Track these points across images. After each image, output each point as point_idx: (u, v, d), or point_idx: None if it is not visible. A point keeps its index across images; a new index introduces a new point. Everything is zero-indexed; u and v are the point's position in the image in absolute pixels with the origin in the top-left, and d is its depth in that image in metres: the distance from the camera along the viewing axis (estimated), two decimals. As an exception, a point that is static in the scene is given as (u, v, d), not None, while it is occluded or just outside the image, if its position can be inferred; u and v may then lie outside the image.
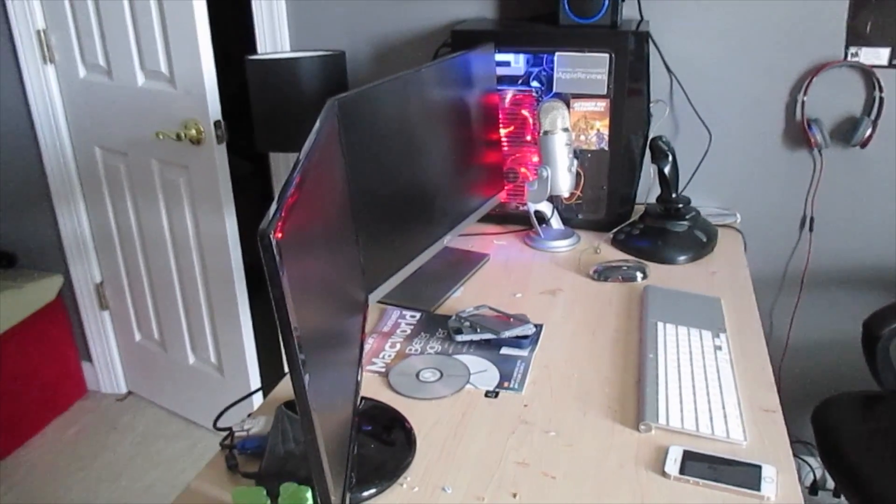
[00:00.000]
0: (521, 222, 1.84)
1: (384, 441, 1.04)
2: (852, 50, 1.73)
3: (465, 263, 1.63)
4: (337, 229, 0.98)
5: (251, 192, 2.98)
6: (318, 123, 0.98)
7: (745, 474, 0.98)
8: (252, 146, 2.06)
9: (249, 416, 1.12)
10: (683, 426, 1.07)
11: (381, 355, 1.29)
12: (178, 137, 2.02)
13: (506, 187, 1.82)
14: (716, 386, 1.16)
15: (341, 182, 1.09)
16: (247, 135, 2.39)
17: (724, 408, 1.11)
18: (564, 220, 1.80)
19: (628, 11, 1.79)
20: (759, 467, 0.99)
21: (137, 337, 2.62)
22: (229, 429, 1.07)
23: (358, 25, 2.03)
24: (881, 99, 1.74)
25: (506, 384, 1.19)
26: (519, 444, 1.05)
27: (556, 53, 1.66)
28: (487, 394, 1.17)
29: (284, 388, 1.21)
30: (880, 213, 1.84)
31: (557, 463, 1.01)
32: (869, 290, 1.92)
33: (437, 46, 1.96)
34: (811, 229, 1.90)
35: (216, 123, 2.02)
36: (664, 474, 0.98)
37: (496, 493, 0.96)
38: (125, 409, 2.70)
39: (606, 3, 1.65)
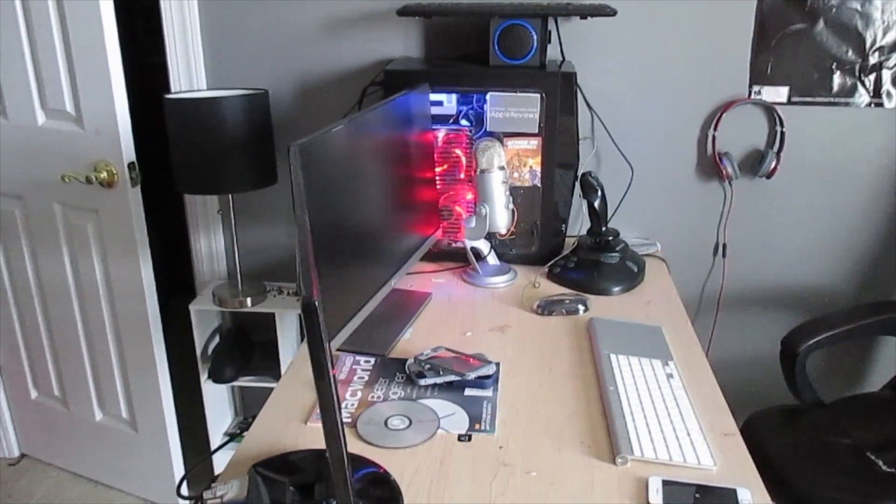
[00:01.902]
0: (456, 259, 1.85)
1: (371, 499, 1.01)
2: (755, 88, 1.87)
3: (409, 304, 1.61)
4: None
5: (165, 235, 2.82)
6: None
7: (724, 498, 1.02)
8: (168, 188, 1.97)
9: (215, 480, 1.06)
10: (657, 456, 1.10)
11: (343, 404, 1.25)
12: (88, 180, 1.90)
13: (441, 225, 1.83)
14: (676, 414, 1.21)
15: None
16: (160, 176, 2.28)
17: (689, 435, 1.16)
18: (499, 256, 1.82)
19: (551, 52, 1.86)
20: (735, 491, 1.04)
21: (34, 394, 2.41)
22: (198, 497, 1.01)
23: (279, 63, 1.99)
24: (783, 133, 1.89)
25: (477, 426, 1.19)
26: (503, 487, 1.05)
27: (489, 93, 1.70)
28: (461, 437, 1.16)
29: (248, 446, 1.15)
30: (787, 238, 1.99)
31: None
32: (780, 310, 2.06)
33: (362, 85, 1.95)
34: (724, 255, 2.02)
35: (130, 165, 1.91)
36: (649, 506, 1.01)
37: (492, 540, 0.95)
38: (19, 473, 2.48)
39: (535, 45, 1.70)
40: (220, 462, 2.24)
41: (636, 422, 1.18)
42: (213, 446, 2.21)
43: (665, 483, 1.04)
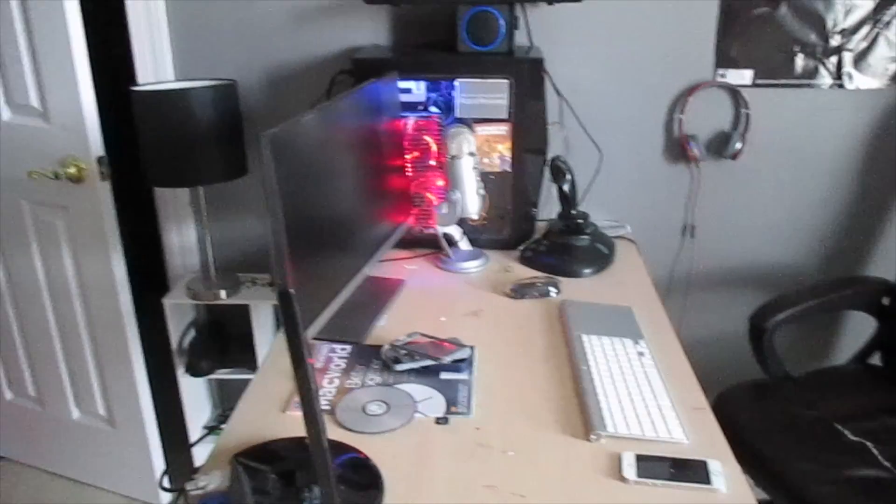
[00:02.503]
0: (429, 245, 1.86)
1: (352, 483, 1.02)
2: (720, 71, 1.90)
3: (383, 291, 1.63)
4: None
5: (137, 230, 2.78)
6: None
7: (695, 471, 1.05)
8: (138, 182, 1.95)
9: (197, 472, 1.06)
10: (630, 432, 1.13)
11: (321, 392, 1.26)
12: (56, 176, 1.88)
13: (413, 212, 1.84)
14: (648, 390, 1.24)
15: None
16: (131, 170, 2.26)
17: (661, 410, 1.18)
18: (471, 241, 1.84)
19: (519, 38, 1.87)
20: (706, 462, 1.07)
21: (8, 395, 2.39)
22: (180, 490, 1.01)
23: (247, 53, 1.98)
24: (748, 115, 1.92)
25: (454, 409, 1.20)
26: (482, 467, 1.07)
27: (458, 80, 1.71)
28: (438, 421, 1.18)
29: (228, 437, 1.15)
30: (753, 217, 2.03)
31: (523, 482, 1.04)
32: (748, 288, 2.11)
33: (331, 74, 1.95)
34: (693, 236, 2.06)
35: (99, 159, 1.89)
36: (623, 479, 1.03)
37: (471, 519, 0.97)
38: (-4, 475, 2.45)
39: (503, 31, 1.71)
40: (200, 455, 2.24)
41: (609, 399, 1.20)
42: (193, 440, 2.21)
43: (638, 457, 1.07)
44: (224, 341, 2.18)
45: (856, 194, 2.00)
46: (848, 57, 1.87)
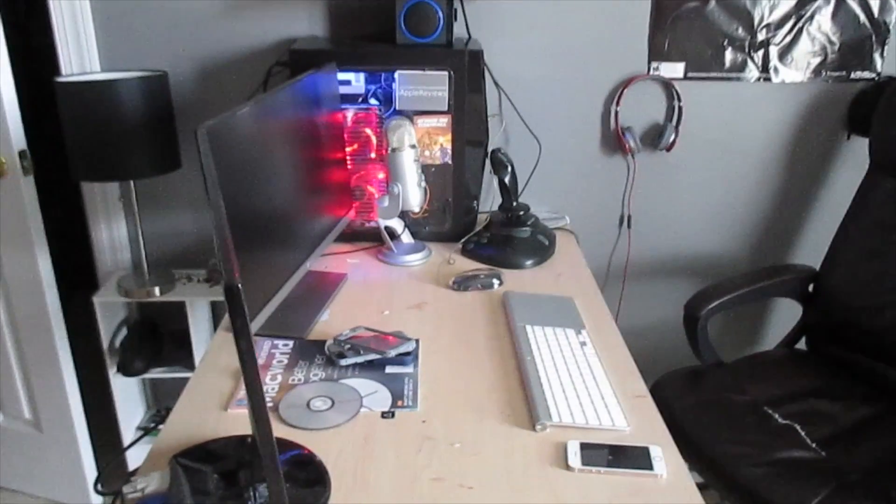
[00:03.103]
0: (370, 239, 1.85)
1: (297, 480, 1.00)
2: (654, 65, 1.94)
3: (324, 285, 1.60)
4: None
5: (64, 227, 2.67)
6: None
7: (638, 457, 1.07)
8: (63, 176, 1.87)
9: (134, 474, 1.03)
10: (574, 421, 1.14)
11: (264, 389, 1.23)
12: (-25, 171, 1.78)
13: (354, 205, 1.82)
14: (591, 379, 1.26)
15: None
16: (57, 164, 2.17)
17: (603, 398, 1.20)
18: (413, 234, 1.83)
19: (457, 31, 1.87)
20: (647, 448, 1.09)
21: (-76, 401, 2.26)
22: (117, 492, 0.98)
23: (178, 43, 1.92)
24: (680, 108, 1.97)
25: (400, 403, 1.20)
26: (428, 460, 1.07)
27: (398, 72, 1.69)
28: (384, 415, 1.17)
29: (167, 438, 1.12)
30: (687, 208, 2.08)
31: (469, 473, 1.04)
32: (682, 277, 2.17)
33: (267, 66, 1.91)
34: (629, 226, 2.10)
35: (21, 153, 1.81)
36: (569, 468, 1.05)
37: (420, 512, 0.97)
38: (-89, 486, 2.32)
39: (441, 23, 1.71)
40: (134, 458, 2.17)
41: (553, 389, 1.22)
42: (126, 441, 2.14)
43: (583, 446, 1.09)
44: (158, 340, 2.11)
45: (782, 184, 2.08)
46: (774, 51, 1.94)
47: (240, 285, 0.54)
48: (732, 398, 1.76)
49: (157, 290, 1.95)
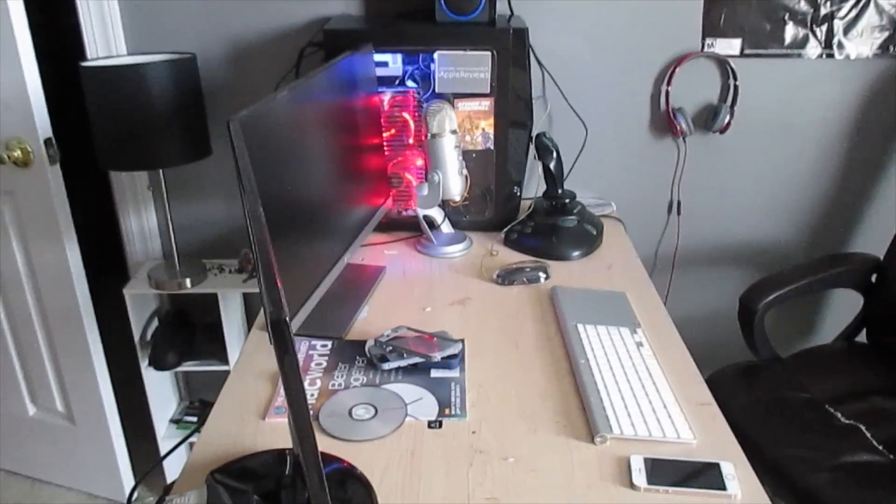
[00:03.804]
0: (408, 228, 1.77)
1: (340, 500, 0.93)
2: (708, 41, 1.82)
3: (362, 280, 1.53)
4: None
5: (93, 216, 2.62)
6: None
7: (708, 474, 0.99)
8: (92, 163, 1.81)
9: (169, 490, 0.97)
10: (637, 433, 1.06)
11: (302, 395, 1.17)
12: (0, 160, 1.73)
13: (391, 193, 1.74)
14: (651, 385, 1.17)
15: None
16: (84, 152, 2.11)
17: (665, 407, 1.12)
18: (453, 223, 1.75)
19: (499, 7, 1.76)
20: (718, 465, 1.00)
21: (-43, 392, 2.24)
22: (151, 510, 0.92)
23: (206, 25, 1.84)
24: (735, 87, 1.85)
25: (447, 411, 1.12)
26: (481, 477, 0.99)
27: (437, 52, 1.60)
28: (430, 424, 1.10)
29: (203, 449, 1.06)
30: (740, 193, 1.97)
31: (526, 492, 0.96)
32: (734, 266, 2.06)
33: (299, 46, 1.82)
34: (679, 213, 2.00)
35: (47, 141, 1.75)
36: (633, 486, 0.97)
37: (474, 537, 0.90)
38: (-53, 476, 2.32)
39: (484, 0, 1.60)
40: (167, 446, 2.13)
41: (611, 397, 1.13)
42: (158, 434, 2.10)
43: (647, 461, 1.01)
44: (190, 332, 2.06)
45: (844, 168, 1.95)
46: (838, 25, 1.80)
47: (288, 319, 0.46)
48: (791, 396, 1.66)
49: (188, 282, 1.89)
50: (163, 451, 2.12)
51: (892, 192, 1.97)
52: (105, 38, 1.83)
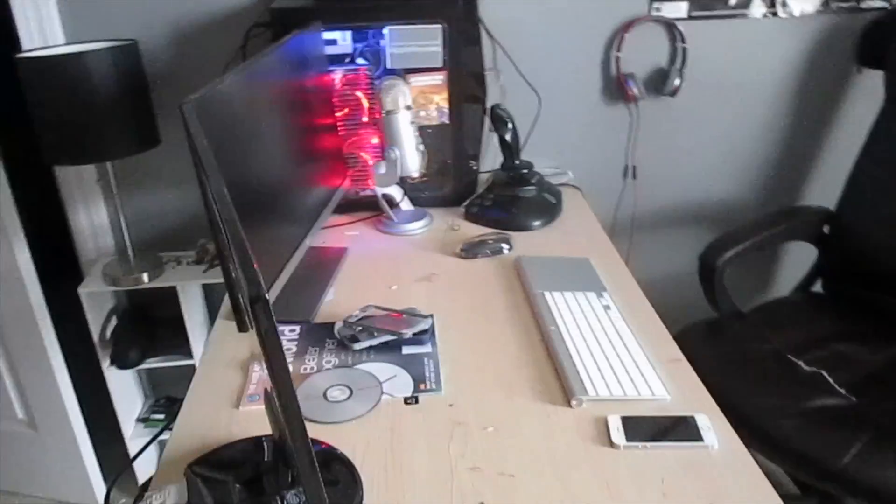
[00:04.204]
0: (367, 208, 1.75)
1: (326, 481, 0.92)
2: (655, 5, 1.83)
3: (326, 262, 1.51)
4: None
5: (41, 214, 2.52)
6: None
7: (684, 428, 1.01)
8: (36, 160, 1.75)
9: (146, 488, 0.95)
10: (612, 394, 1.07)
11: (275, 381, 1.15)
12: (-63, 161, 1.66)
13: (348, 174, 1.71)
14: (621, 346, 1.18)
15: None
16: (26, 147, 2.03)
17: (638, 367, 1.13)
18: (412, 200, 1.74)
19: (446, -21, 1.74)
20: (693, 418, 1.02)
21: None
22: (129, 508, 0.90)
23: (146, 9, 1.78)
24: (684, 49, 1.87)
25: (423, 386, 1.12)
26: (462, 448, 0.99)
27: (387, 27, 1.58)
28: (407, 401, 1.09)
29: (177, 443, 1.03)
30: (694, 155, 2.00)
31: (508, 459, 0.96)
32: (693, 227, 2.09)
33: (245, 27, 1.77)
34: (634, 177, 2.02)
35: (-14, 139, 1.68)
36: (613, 445, 0.98)
37: (461, 507, 0.90)
38: None
39: (431, -29, 1.58)
40: (136, 446, 2.09)
41: (584, 360, 1.14)
42: (125, 434, 2.05)
43: (624, 419, 1.02)
44: (151, 328, 2.01)
45: (792, 124, 1.99)
46: (780, -17, 1.83)
47: (268, 296, 0.45)
48: (755, 349, 1.70)
49: (145, 277, 1.85)
50: (132, 452, 2.08)
51: (840, 144, 2.02)
52: (41, 28, 1.76)
